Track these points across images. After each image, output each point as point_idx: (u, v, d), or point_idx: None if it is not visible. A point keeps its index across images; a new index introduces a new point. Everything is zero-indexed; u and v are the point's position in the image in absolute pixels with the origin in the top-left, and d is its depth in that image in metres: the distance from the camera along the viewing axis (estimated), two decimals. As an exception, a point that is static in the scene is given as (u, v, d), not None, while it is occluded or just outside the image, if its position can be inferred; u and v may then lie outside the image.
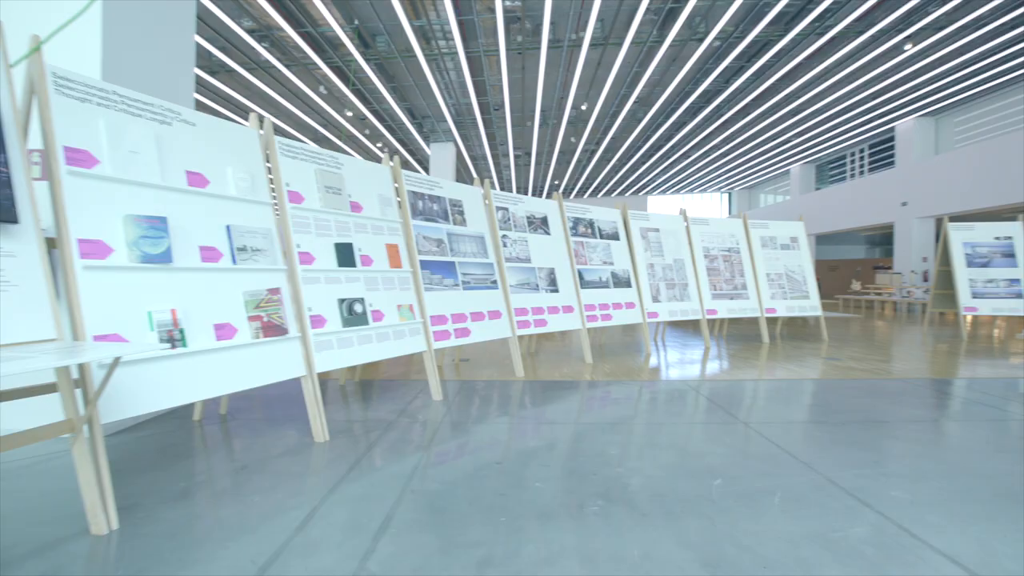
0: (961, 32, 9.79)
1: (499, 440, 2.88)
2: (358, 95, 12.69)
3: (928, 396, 3.99)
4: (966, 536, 1.80)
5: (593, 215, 6.27)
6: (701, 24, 9.54)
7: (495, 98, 13.32)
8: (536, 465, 2.46)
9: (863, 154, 18.85)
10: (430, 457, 2.58)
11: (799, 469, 2.42)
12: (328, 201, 3.29)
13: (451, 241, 4.42)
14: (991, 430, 3.10)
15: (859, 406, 3.66)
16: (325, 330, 3.05)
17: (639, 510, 1.98)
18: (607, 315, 5.92)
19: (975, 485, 2.26)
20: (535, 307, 5.15)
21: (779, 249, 7.63)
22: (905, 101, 13.79)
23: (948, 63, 11.25)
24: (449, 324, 4.13)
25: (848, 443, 2.85)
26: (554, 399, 3.87)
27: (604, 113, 14.84)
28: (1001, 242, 7.18)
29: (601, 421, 3.25)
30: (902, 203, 15.63)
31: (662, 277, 6.69)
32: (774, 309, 7.29)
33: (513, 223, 5.26)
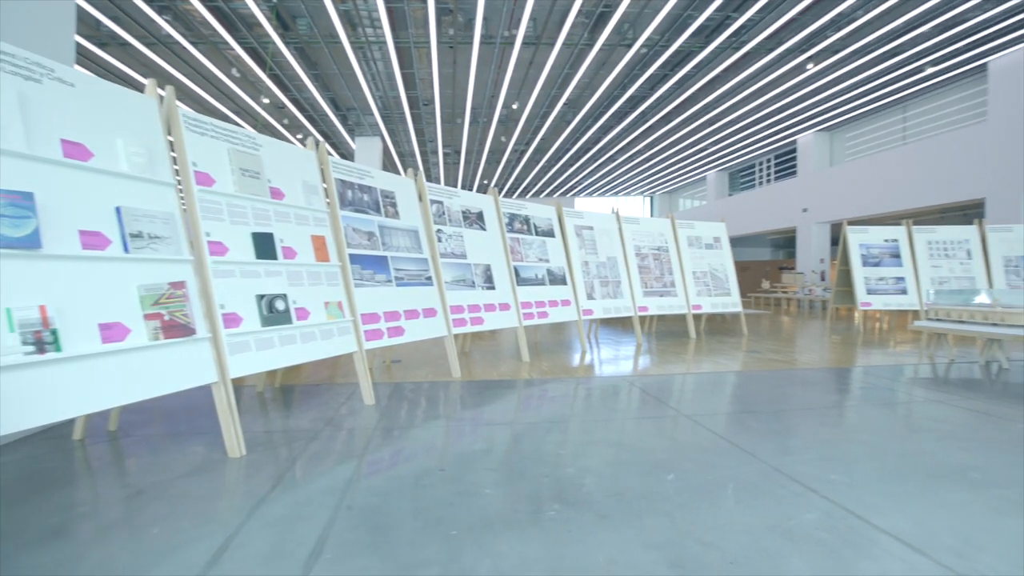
0: (852, 57, 10.82)
1: (440, 445, 2.68)
2: (276, 81, 11.85)
3: (841, 383, 4.27)
4: (904, 514, 1.86)
5: (529, 212, 6.20)
6: (629, 31, 9.81)
7: (425, 92, 12.97)
8: (483, 470, 2.29)
9: (770, 163, 20.43)
10: (366, 467, 2.33)
11: (744, 459, 2.44)
12: (244, 185, 2.92)
13: (383, 234, 4.14)
14: (899, 412, 3.34)
15: (785, 395, 3.83)
16: (241, 330, 2.70)
17: (598, 511, 1.87)
18: (543, 313, 5.86)
19: (899, 465, 2.37)
20: (471, 304, 4.98)
21: (704, 248, 7.98)
22: (806, 116, 15.07)
23: (841, 84, 12.40)
24: (382, 323, 3.86)
25: (783, 431, 2.93)
26: (494, 399, 3.72)
27: (535, 113, 14.92)
28: (889, 244, 7.97)
29: (545, 420, 3.14)
30: (803, 209, 17.07)
31: (596, 275, 6.75)
32: (700, 306, 7.60)
33: (448, 217, 5.05)
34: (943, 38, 10.06)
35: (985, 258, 7.50)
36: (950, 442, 2.72)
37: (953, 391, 3.93)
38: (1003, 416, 3.23)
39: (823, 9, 8.89)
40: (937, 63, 11.18)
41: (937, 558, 1.58)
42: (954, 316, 4.95)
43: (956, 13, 9.14)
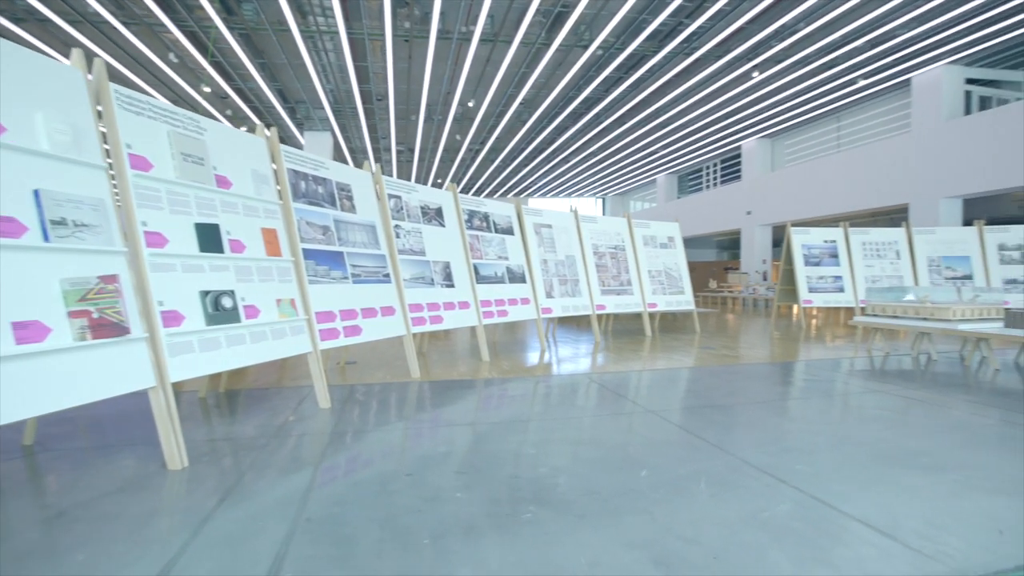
0: (793, 67, 11.38)
1: (403, 449, 2.55)
2: (218, 69, 11.19)
3: (792, 376, 4.44)
4: (868, 500, 1.90)
5: (488, 209, 6.11)
6: (586, 32, 9.90)
7: (379, 87, 12.62)
8: (451, 473, 2.18)
9: (716, 167, 21.26)
10: (324, 475, 2.17)
11: (712, 452, 2.45)
12: (186, 172, 2.68)
13: (339, 229, 3.94)
14: (847, 402, 3.49)
15: (741, 389, 3.93)
16: (183, 329, 2.47)
17: (575, 512, 1.81)
18: (503, 311, 5.78)
19: (856, 452, 2.45)
20: (431, 303, 4.84)
21: (659, 248, 8.15)
22: (750, 123, 15.76)
23: (783, 92, 13.04)
24: (338, 321, 3.67)
25: (744, 424, 2.99)
26: (457, 399, 3.61)
27: (491, 112, 14.84)
28: (828, 244, 8.42)
29: (510, 419, 3.07)
30: (747, 212, 17.85)
31: (555, 273, 6.75)
32: (655, 304, 7.75)
33: (406, 213, 4.89)
34: (873, 53, 10.74)
35: (912, 258, 8.05)
36: (898, 429, 2.85)
37: (892, 381, 4.15)
38: (938, 403, 3.43)
39: (768, 20, 9.29)
40: (868, 76, 11.94)
41: (905, 542, 1.61)
42: (889, 312, 5.25)
43: (885, 31, 9.78)
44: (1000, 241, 7.63)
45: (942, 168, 11.20)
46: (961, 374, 4.46)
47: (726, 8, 8.87)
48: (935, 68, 11.36)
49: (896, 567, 1.47)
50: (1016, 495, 1.97)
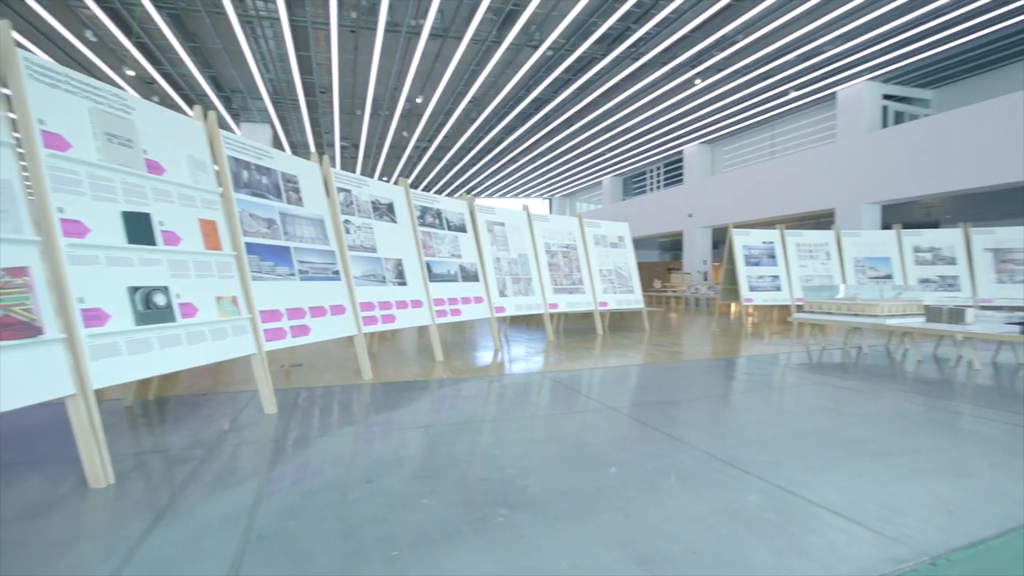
0: (732, 76, 11.93)
1: (361, 454, 2.40)
2: (143, 50, 10.34)
3: (740, 371, 4.60)
4: (829, 487, 1.96)
5: (441, 205, 5.97)
6: (536, 32, 9.93)
7: (322, 79, 12.11)
8: (414, 478, 2.07)
9: (659, 171, 21.99)
10: (277, 487, 1.99)
11: (677, 447, 2.46)
12: (111, 154, 2.40)
13: (285, 222, 3.70)
14: (794, 394, 3.64)
15: (696, 384, 4.02)
16: (107, 329, 2.20)
17: (549, 513, 1.74)
18: (457, 310, 5.66)
19: (809, 442, 2.54)
20: (382, 301, 4.65)
21: (609, 247, 8.28)
22: (692, 128, 16.39)
23: (723, 100, 13.65)
24: (284, 320, 3.43)
25: (703, 417, 3.05)
26: (413, 401, 3.47)
27: (439, 109, 14.61)
28: (767, 245, 8.88)
29: (471, 420, 2.97)
30: (688, 214, 18.56)
31: (508, 272, 6.69)
32: (606, 302, 7.87)
33: (357, 207, 4.68)
34: (803, 67, 11.44)
35: (840, 259, 8.63)
36: (842, 418, 2.99)
37: (830, 374, 4.39)
38: (874, 393, 3.64)
39: (710, 30, 9.68)
40: (799, 88, 12.71)
41: (869, 526, 1.66)
42: (824, 309, 5.57)
43: (813, 47, 10.43)
44: (915, 244, 8.32)
45: (863, 176, 12.09)
46: (889, 366, 4.79)
47: (671, 16, 9.15)
48: (857, 83, 12.25)
49: (865, 551, 1.51)
50: (956, 476, 2.09)
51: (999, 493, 1.92)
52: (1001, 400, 3.43)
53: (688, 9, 8.94)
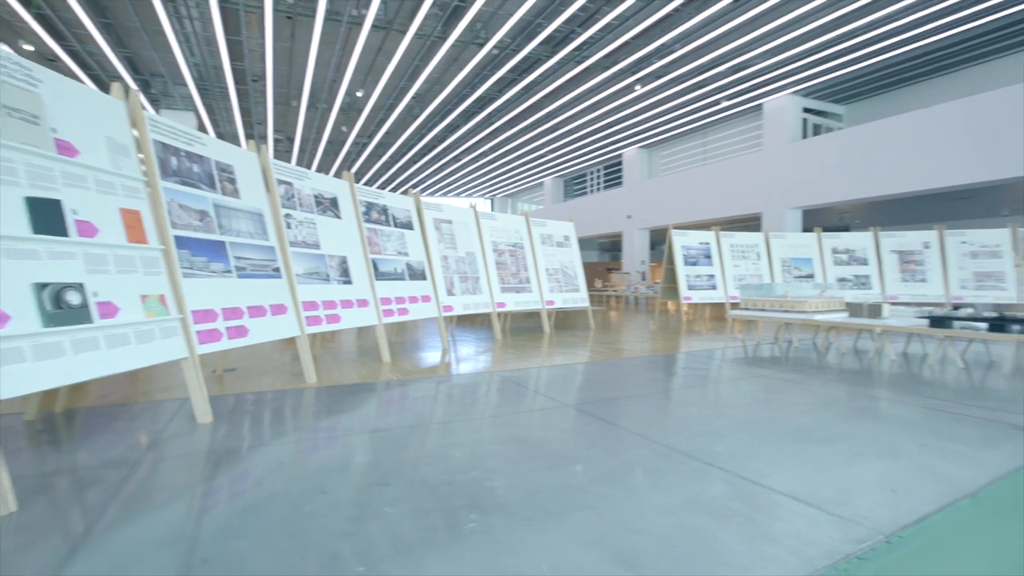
0: (669, 84, 12.43)
1: (312, 463, 2.23)
2: (44, 24, 9.29)
3: (686, 366, 4.76)
4: (785, 474, 2.04)
5: (387, 201, 5.77)
6: (483, 30, 9.86)
7: (255, 66, 11.42)
8: (374, 486, 1.95)
9: (599, 173, 22.56)
10: (219, 503, 1.81)
11: (637, 441, 2.48)
12: (11, 130, 2.09)
13: (219, 215, 3.41)
14: (738, 387, 3.80)
15: (646, 379, 4.11)
16: (7, 332, 1.92)
17: (520, 515, 1.69)
18: (404, 309, 5.49)
19: (759, 432, 2.64)
20: (326, 300, 4.42)
21: (555, 246, 8.35)
22: (631, 133, 16.93)
23: (661, 107, 14.19)
24: (220, 321, 3.17)
25: (657, 411, 3.10)
26: (362, 404, 3.31)
27: (380, 104, 14.20)
28: (703, 246, 9.30)
29: (428, 422, 2.87)
30: (627, 216, 19.16)
31: (456, 270, 6.58)
32: (553, 301, 7.93)
33: (299, 201, 4.41)
34: (734, 78, 12.11)
35: (769, 259, 9.18)
36: (785, 408, 3.14)
37: (767, 367, 4.63)
38: (808, 384, 3.87)
39: (651, 38, 10.01)
40: (730, 98, 13.44)
41: (826, 509, 1.73)
42: (759, 306, 5.88)
43: (743, 59, 11.06)
44: (833, 245, 9.01)
45: (786, 183, 12.96)
46: (817, 358, 5.12)
47: (614, 22, 9.38)
48: (781, 96, 13.12)
49: (827, 534, 1.56)
50: (892, 458, 2.24)
51: (931, 472, 2.07)
52: (916, 387, 3.74)
53: (630, 16, 9.20)
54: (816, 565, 1.40)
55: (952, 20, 9.29)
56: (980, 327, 4.06)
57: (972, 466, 2.13)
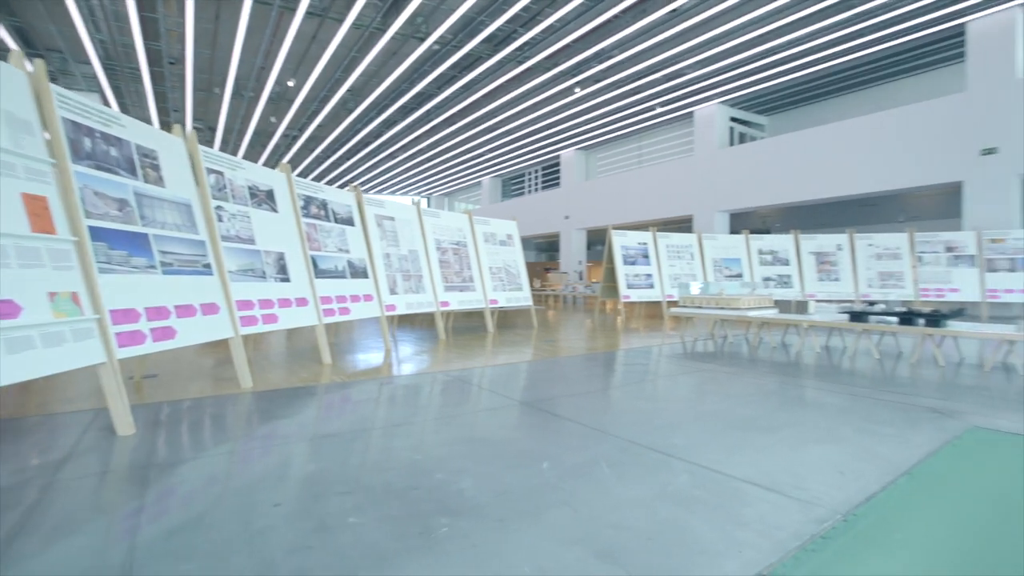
0: (607, 88, 12.79)
1: (260, 474, 2.06)
2: (-88, -14, 8.06)
3: (632, 361, 4.88)
4: (741, 462, 2.11)
5: (327, 196, 5.49)
6: (424, 24, 9.65)
7: (173, 47, 10.52)
8: (334, 495, 1.82)
9: (537, 174, 22.82)
10: (158, 523, 1.61)
11: (598, 437, 2.49)
12: None
13: (141, 205, 3.09)
14: (684, 380, 3.94)
15: (595, 375, 4.17)
16: None
17: (494, 516, 1.63)
18: (345, 309, 5.26)
19: (711, 423, 2.74)
20: (263, 299, 4.13)
21: (498, 245, 8.32)
22: (569, 135, 17.25)
23: (599, 110, 14.57)
24: (143, 322, 2.86)
25: (612, 407, 3.15)
26: (306, 409, 3.11)
27: (313, 96, 13.55)
28: (641, 246, 9.63)
29: (380, 425, 2.74)
30: (565, 216, 19.52)
31: (398, 268, 6.39)
32: (496, 300, 7.89)
33: (231, 193, 4.09)
34: (668, 86, 12.65)
35: (702, 259, 9.67)
36: (729, 400, 3.28)
37: (707, 361, 4.84)
38: (746, 375, 4.08)
39: (591, 42, 10.23)
40: (664, 104, 14.03)
41: (786, 493, 1.81)
42: (697, 303, 6.15)
43: (675, 68, 11.57)
44: (759, 247, 9.63)
45: (715, 187, 13.73)
46: (750, 352, 5.43)
47: (556, 24, 9.50)
48: (710, 105, 13.87)
49: (791, 516, 1.63)
50: (834, 442, 2.39)
51: (870, 453, 2.23)
52: (841, 376, 4.05)
53: (572, 20, 9.35)
54: (787, 547, 1.44)
55: (861, 43, 10.22)
56: (892, 321, 4.46)
57: (903, 447, 2.31)
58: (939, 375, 4.07)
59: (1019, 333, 3.96)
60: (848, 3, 8.74)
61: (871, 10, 8.98)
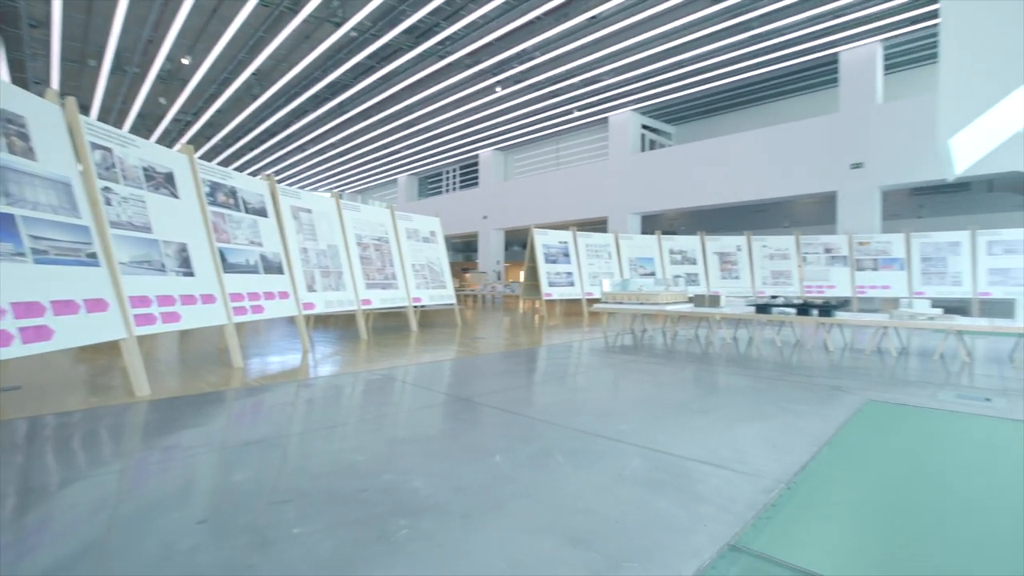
0: (527, 90, 12.97)
1: (178, 489, 1.80)
2: None
3: (564, 356, 4.95)
4: (688, 443, 2.19)
5: (236, 183, 5.01)
6: (340, 8, 9.15)
7: (34, 8, 9.10)
8: (269, 505, 1.62)
9: (456, 173, 22.63)
10: (52, 551, 1.33)
11: (547, 428, 2.47)
12: None
13: (5, 180, 2.59)
14: (616, 371, 4.06)
15: (529, 369, 4.18)
16: None
17: (455, 513, 1.54)
18: (258, 307, 4.83)
19: (650, 408, 2.83)
20: (162, 295, 3.67)
21: (421, 241, 8.11)
22: (488, 134, 17.27)
23: (518, 111, 14.72)
24: (8, 319, 2.41)
25: (554, 398, 3.15)
26: (221, 415, 2.80)
27: (212, 77, 12.38)
28: (562, 245, 9.86)
29: (314, 427, 2.52)
30: (483, 216, 19.53)
31: (317, 264, 6.00)
32: (420, 298, 7.68)
33: (122, 173, 3.58)
34: (585, 91, 13.08)
35: (619, 258, 10.09)
36: (661, 388, 3.42)
37: (632, 353, 5.04)
38: (670, 365, 4.29)
39: (513, 42, 10.31)
40: (581, 109, 14.49)
41: (732, 467, 1.89)
42: (619, 299, 6.39)
43: (593, 74, 12.01)
44: (670, 247, 10.25)
45: (628, 190, 14.42)
46: (668, 344, 5.73)
47: (479, 21, 9.46)
48: (624, 112, 14.55)
49: (743, 488, 1.70)
50: (761, 420, 2.55)
51: (793, 428, 2.41)
52: (752, 362, 4.38)
53: (495, 18, 9.35)
54: (745, 517, 1.50)
55: (757, 62, 11.26)
56: (791, 312, 4.92)
57: (819, 420, 2.53)
58: (831, 359, 4.55)
59: (892, 320, 4.53)
60: (746, 25, 9.57)
61: (764, 33, 9.91)
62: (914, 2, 8.88)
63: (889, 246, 8.92)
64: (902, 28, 9.80)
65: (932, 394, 3.15)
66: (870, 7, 9.10)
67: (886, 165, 9.92)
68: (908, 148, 9.59)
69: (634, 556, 1.30)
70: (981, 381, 3.61)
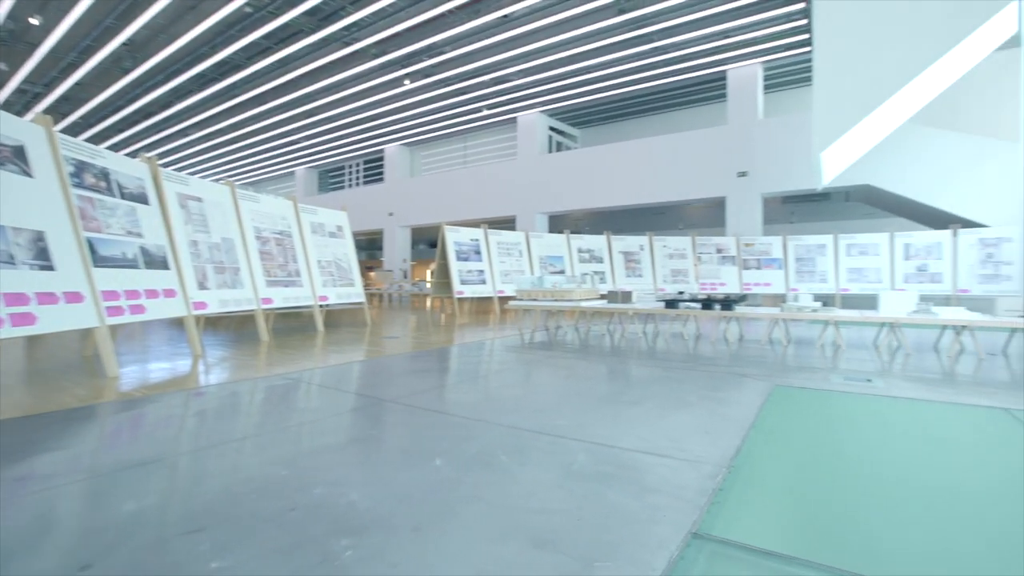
0: (436, 85, 12.73)
1: (50, 527, 1.46)
2: None
3: (486, 354, 4.88)
4: (624, 434, 2.22)
5: (109, 163, 4.33)
6: (231, -22, 8.34)
7: None
8: (177, 537, 1.37)
9: (360, 167, 21.63)
10: None
11: (483, 426, 2.38)
12: None
13: None
14: (539, 368, 4.06)
15: (451, 368, 4.06)
16: None
17: (404, 526, 1.40)
18: (138, 307, 4.22)
19: (582, 402, 2.85)
20: (11, 293, 3.05)
21: (328, 237, 7.62)
22: (395, 128, 16.69)
23: (426, 106, 14.40)
24: None
25: (482, 397, 3.07)
26: (96, 433, 2.37)
27: (69, 44, 10.68)
28: (474, 242, 9.78)
29: (220, 440, 2.21)
30: (389, 213, 18.89)
31: (209, 259, 5.39)
32: (326, 297, 7.21)
33: (-48, 144, 2.92)
34: (494, 89, 13.12)
35: (529, 256, 10.23)
36: (587, 382, 3.47)
37: (551, 349, 5.09)
38: (591, 360, 4.40)
39: (423, 34, 10.04)
40: (490, 107, 14.51)
41: (674, 456, 1.94)
42: (533, 296, 6.45)
43: (502, 73, 12.08)
44: (578, 246, 10.59)
45: (536, 190, 14.70)
46: (583, 340, 5.89)
47: (388, 9, 9.09)
48: (532, 113, 14.81)
49: (688, 475, 1.74)
50: (688, 408, 2.67)
51: (718, 415, 2.54)
52: (665, 355, 4.62)
53: (406, 7, 9.05)
54: (699, 503, 1.53)
55: (657, 73, 12.02)
56: (695, 306, 5.27)
57: (739, 407, 2.70)
58: (733, 349, 4.94)
59: (784, 313, 5.02)
60: (648, 38, 10.17)
61: (664, 47, 10.60)
62: (791, 30, 9.99)
63: (770, 247, 9.96)
64: (780, 52, 10.99)
65: (824, 377, 3.52)
66: (753, 31, 10.09)
67: (766, 174, 11.08)
68: (783, 160, 10.79)
69: (602, 554, 1.26)
70: (857, 365, 4.10)
